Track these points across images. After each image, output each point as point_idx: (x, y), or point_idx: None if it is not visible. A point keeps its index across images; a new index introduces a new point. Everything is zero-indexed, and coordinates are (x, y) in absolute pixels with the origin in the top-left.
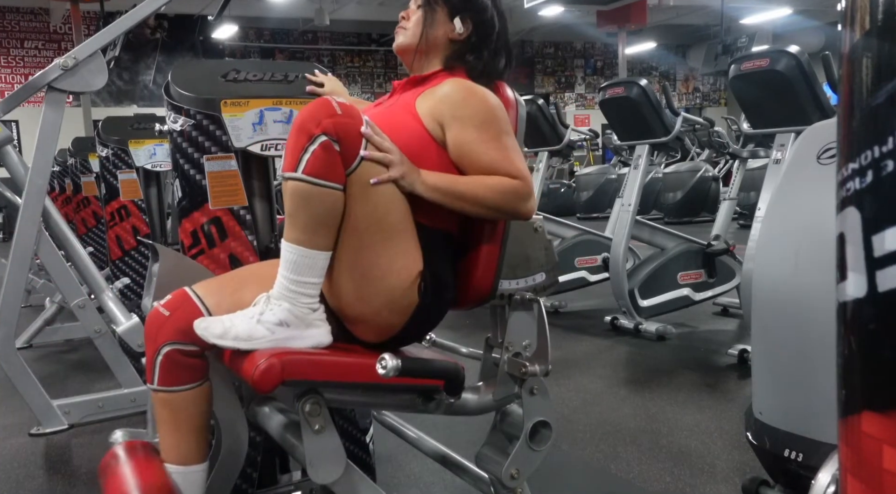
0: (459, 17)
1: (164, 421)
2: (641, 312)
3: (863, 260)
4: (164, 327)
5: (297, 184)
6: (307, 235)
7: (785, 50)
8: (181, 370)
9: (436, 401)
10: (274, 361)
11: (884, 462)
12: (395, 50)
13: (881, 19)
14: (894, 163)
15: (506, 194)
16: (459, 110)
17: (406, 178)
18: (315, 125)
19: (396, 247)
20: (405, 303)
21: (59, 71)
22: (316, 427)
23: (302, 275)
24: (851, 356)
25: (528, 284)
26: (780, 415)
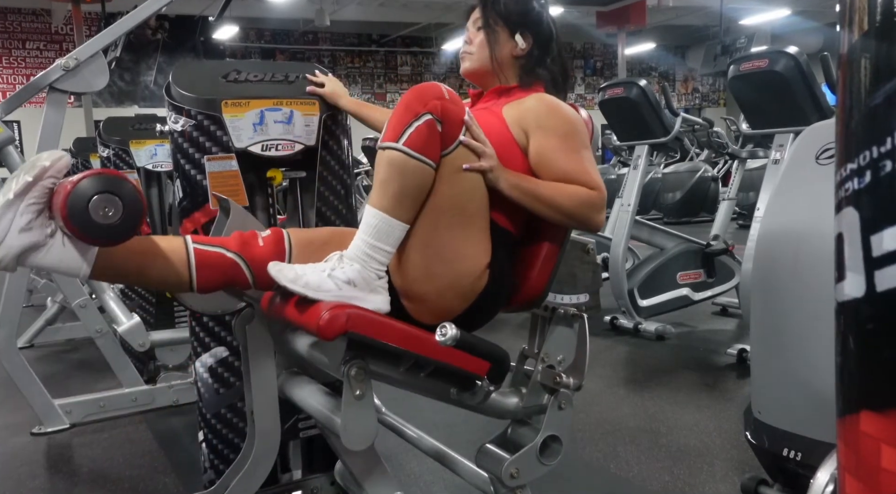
0: (520, 33)
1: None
2: (641, 312)
3: (861, 260)
4: (253, 248)
5: (395, 153)
6: (393, 204)
7: (784, 51)
8: (215, 273)
9: (472, 391)
10: (339, 312)
11: (882, 461)
12: (463, 74)
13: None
14: (892, 164)
15: (581, 203)
16: (545, 120)
17: (494, 172)
18: (423, 104)
19: (471, 234)
20: (469, 289)
21: (61, 71)
22: (357, 393)
23: (379, 241)
24: (850, 355)
25: (572, 301)
26: (779, 414)
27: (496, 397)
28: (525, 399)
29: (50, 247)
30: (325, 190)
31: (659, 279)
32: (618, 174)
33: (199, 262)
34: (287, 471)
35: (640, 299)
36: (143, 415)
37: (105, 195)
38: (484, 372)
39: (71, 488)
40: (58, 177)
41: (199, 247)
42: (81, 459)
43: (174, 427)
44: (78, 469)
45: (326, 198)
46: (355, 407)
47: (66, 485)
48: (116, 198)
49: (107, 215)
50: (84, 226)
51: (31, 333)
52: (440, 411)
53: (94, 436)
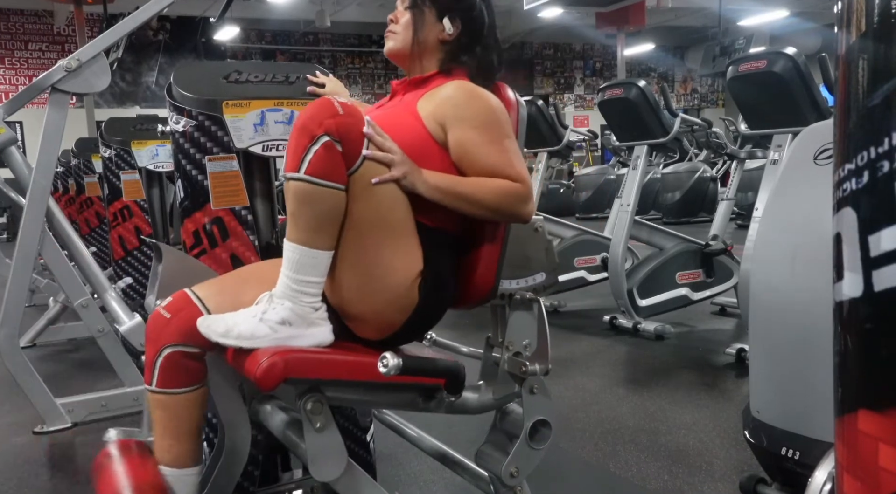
0: (448, 18)
1: (160, 423)
2: (640, 312)
3: (859, 260)
4: (165, 329)
5: (299, 184)
6: (309, 235)
7: (782, 51)
8: (180, 372)
9: (436, 400)
10: (276, 359)
11: (880, 460)
12: (386, 54)
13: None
14: (890, 164)
15: (506, 196)
16: (461, 112)
17: (408, 178)
18: (317, 125)
19: (398, 245)
20: (406, 302)
21: (63, 72)
22: (317, 425)
23: (304, 274)
24: (848, 355)
25: (528, 284)
26: (778, 414)
27: (468, 394)
28: (496, 390)
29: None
30: None
31: (658, 279)
32: (617, 174)
33: (172, 387)
34: (287, 470)
35: (639, 299)
36: (140, 415)
37: None
38: (442, 383)
39: (73, 487)
40: None
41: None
42: (83, 458)
43: None
44: (80, 468)
45: None
46: (319, 440)
47: (68, 484)
48: None
49: None
50: None
51: (34, 333)
52: None
53: (96, 435)
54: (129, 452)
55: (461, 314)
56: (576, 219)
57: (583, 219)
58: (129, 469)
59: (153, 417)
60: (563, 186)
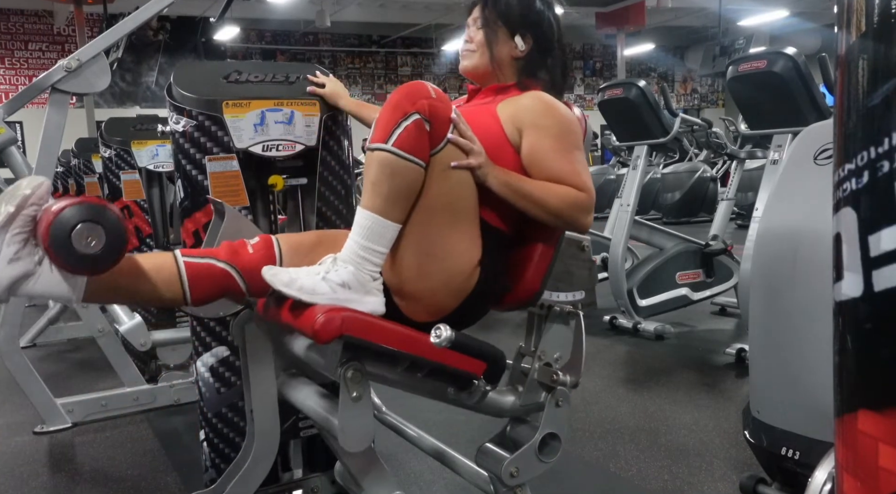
0: (520, 35)
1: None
2: (640, 312)
3: (859, 260)
4: (243, 256)
5: (385, 154)
6: (385, 205)
7: (782, 51)
8: (208, 286)
9: (468, 391)
10: (334, 315)
11: (879, 460)
12: (462, 72)
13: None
14: (890, 164)
15: (570, 203)
16: (540, 119)
17: (483, 168)
18: (411, 103)
19: (462, 231)
20: (462, 287)
21: (63, 72)
22: (354, 394)
23: (372, 242)
24: (848, 355)
25: (568, 299)
26: (778, 414)
27: (494, 395)
28: (522, 397)
29: (39, 275)
30: (325, 190)
31: (658, 279)
32: (617, 174)
33: (190, 276)
34: (288, 470)
35: (639, 299)
36: (144, 414)
37: (87, 224)
38: (480, 372)
39: (73, 487)
40: (40, 204)
41: (189, 260)
42: (83, 458)
43: (175, 426)
44: (80, 468)
45: (327, 199)
46: (352, 409)
47: (68, 484)
48: (99, 227)
49: (89, 245)
50: (68, 258)
51: (34, 333)
52: (440, 410)
53: (96, 435)
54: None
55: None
56: None
57: None
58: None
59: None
60: None
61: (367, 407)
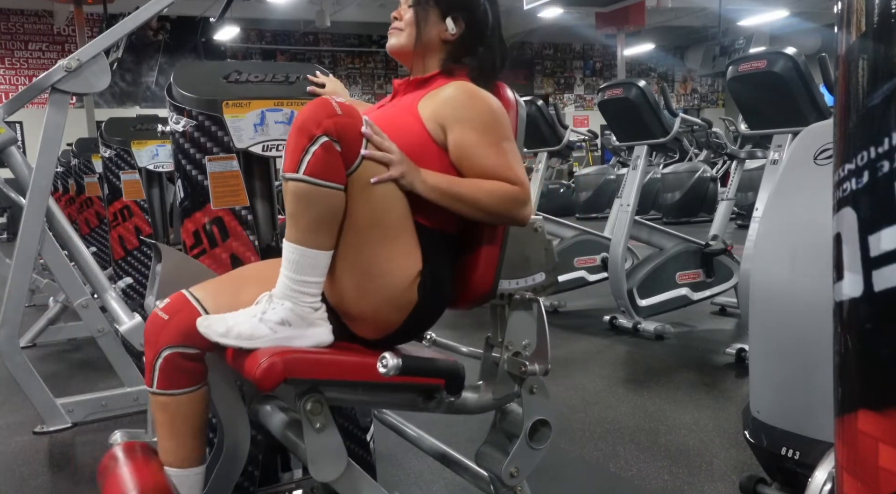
0: (451, 17)
1: (162, 424)
2: (640, 312)
3: (859, 260)
4: (164, 331)
5: (298, 184)
6: (309, 235)
7: (782, 51)
8: (180, 373)
9: (436, 400)
10: (276, 360)
11: (880, 460)
12: (389, 51)
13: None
14: (890, 164)
15: (504, 199)
16: (462, 113)
17: (406, 177)
18: (316, 125)
19: (396, 245)
20: (405, 301)
21: (63, 72)
22: (317, 426)
23: (304, 275)
24: (848, 355)
25: (527, 284)
26: (778, 414)
27: (468, 394)
28: (495, 390)
29: None
30: None
31: (658, 279)
32: (617, 174)
33: (173, 388)
34: (287, 470)
35: (639, 299)
36: (142, 415)
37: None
38: (442, 385)
39: (73, 487)
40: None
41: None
42: (83, 458)
43: None
44: (80, 468)
45: None
46: (318, 440)
47: (68, 484)
48: None
49: None
50: None
51: (34, 333)
52: None
53: (96, 435)
54: (134, 454)
55: (461, 314)
56: (576, 219)
57: (583, 219)
58: (135, 472)
59: (155, 418)
60: (563, 186)
61: (332, 435)
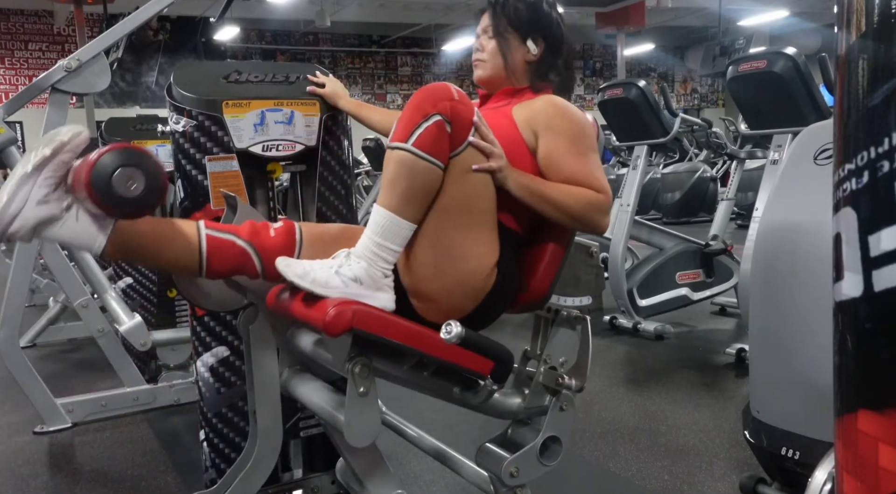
0: (531, 39)
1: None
2: (640, 312)
3: (859, 260)
4: (264, 238)
5: (403, 153)
6: (401, 204)
7: (782, 51)
8: (225, 260)
9: (475, 390)
10: (345, 308)
11: (880, 460)
12: (477, 81)
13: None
14: (890, 164)
15: (587, 205)
16: (555, 122)
17: (503, 172)
18: (432, 105)
19: (479, 233)
20: (479, 288)
21: (63, 72)
22: (361, 390)
23: (386, 240)
24: (848, 355)
25: (574, 303)
26: (778, 414)
27: (498, 397)
28: (527, 399)
29: (65, 221)
30: (325, 190)
31: (658, 279)
32: (617, 174)
33: (210, 248)
34: (288, 470)
35: (639, 299)
36: (144, 415)
37: (128, 168)
38: (487, 372)
39: (73, 487)
40: (76, 151)
41: (211, 233)
42: (83, 458)
43: (175, 426)
44: (80, 467)
45: (327, 198)
46: (359, 404)
47: (68, 484)
48: (139, 172)
49: (129, 188)
50: (107, 198)
51: (34, 332)
52: (440, 410)
53: (96, 435)
54: None
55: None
56: None
57: None
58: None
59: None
60: None
61: (373, 402)
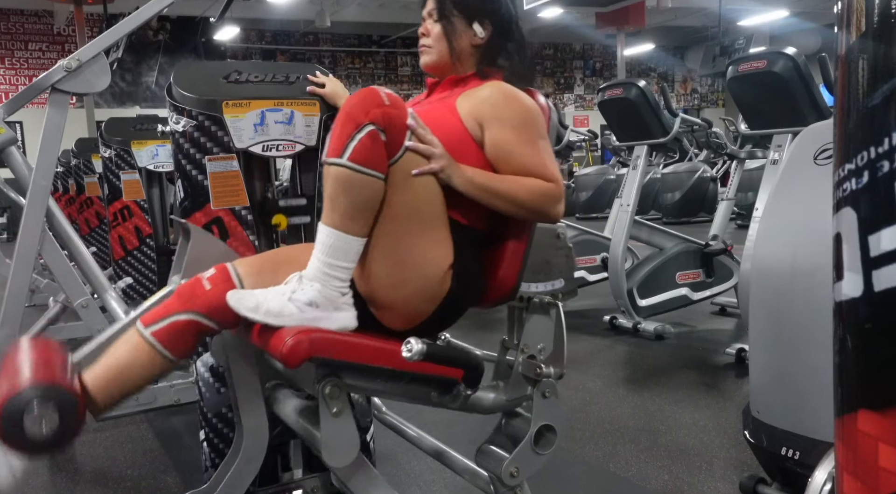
0: (477, 22)
1: (117, 359)
2: (640, 312)
3: (859, 260)
4: (200, 297)
5: (340, 169)
6: (345, 221)
7: (782, 51)
8: (182, 340)
9: (451, 395)
10: (302, 337)
11: (879, 460)
12: (423, 68)
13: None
14: (890, 164)
15: (539, 195)
16: (500, 111)
17: (446, 171)
18: (363, 114)
19: (431, 237)
20: (436, 292)
21: (63, 72)
22: (334, 410)
23: (336, 259)
24: (848, 355)
25: (547, 289)
26: (778, 414)
27: (481, 393)
28: (508, 391)
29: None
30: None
31: (658, 279)
32: (617, 174)
33: (162, 342)
34: (287, 470)
35: (639, 299)
36: (144, 414)
37: (41, 406)
38: (459, 377)
39: (72, 487)
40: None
41: (153, 328)
42: (83, 458)
43: (175, 426)
44: (79, 467)
45: None
46: (334, 424)
47: (68, 484)
48: (52, 409)
49: (41, 429)
50: (20, 443)
51: (34, 332)
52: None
53: (96, 435)
54: (43, 345)
55: (469, 317)
56: (576, 219)
57: (583, 219)
58: (37, 353)
59: (113, 347)
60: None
61: (348, 420)
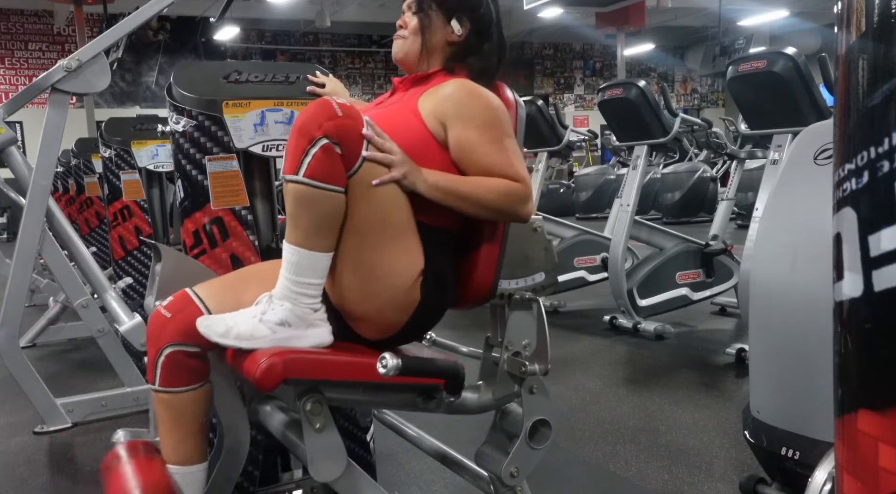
0: (456, 19)
1: (164, 422)
2: (640, 311)
3: (859, 260)
4: (166, 328)
5: (298, 186)
6: (308, 237)
7: (782, 51)
8: (183, 371)
9: (436, 400)
10: (275, 360)
11: (880, 460)
12: (394, 60)
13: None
14: (890, 164)
15: (506, 196)
16: (463, 110)
17: (408, 178)
18: (316, 127)
19: (399, 246)
20: (408, 301)
21: (63, 72)
22: (317, 426)
23: (303, 276)
24: (848, 355)
25: (527, 284)
26: (778, 414)
27: (468, 394)
28: (495, 391)
29: None
30: None
31: (658, 279)
32: (617, 174)
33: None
34: (287, 470)
35: (639, 299)
36: (144, 415)
37: None
38: (441, 385)
39: (73, 487)
40: None
41: (157, 382)
42: (83, 458)
43: None
44: (80, 467)
45: None
46: (318, 440)
47: (68, 484)
48: None
49: None
50: None
51: (34, 332)
52: None
53: (96, 435)
54: (137, 452)
55: (461, 314)
56: (576, 219)
57: (583, 219)
58: (138, 470)
59: (157, 416)
60: (563, 186)
61: (332, 435)
